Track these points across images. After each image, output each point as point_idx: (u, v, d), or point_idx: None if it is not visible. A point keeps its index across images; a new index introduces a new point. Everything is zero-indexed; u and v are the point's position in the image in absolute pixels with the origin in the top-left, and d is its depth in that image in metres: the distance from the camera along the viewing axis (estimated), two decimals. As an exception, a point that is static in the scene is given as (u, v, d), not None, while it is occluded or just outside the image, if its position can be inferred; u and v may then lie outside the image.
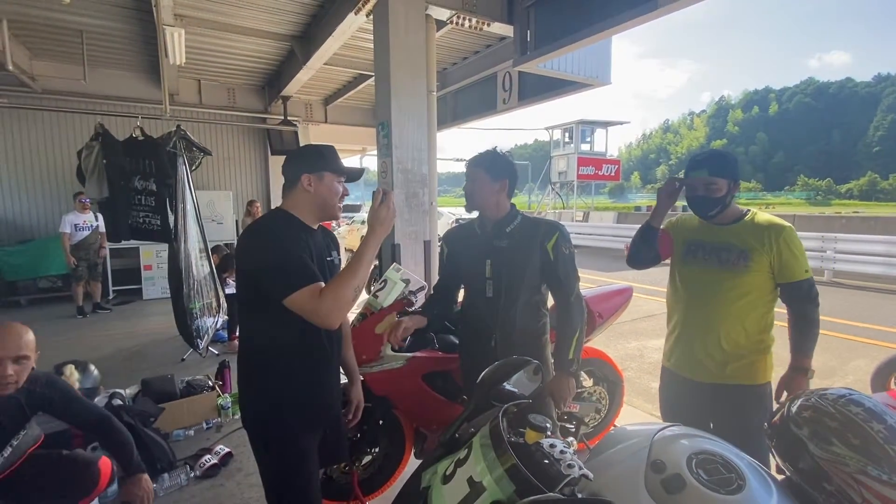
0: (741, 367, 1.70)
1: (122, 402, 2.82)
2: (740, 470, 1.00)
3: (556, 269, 1.73)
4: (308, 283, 1.25)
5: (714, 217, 1.74)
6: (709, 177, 1.68)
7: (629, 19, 3.64)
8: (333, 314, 1.24)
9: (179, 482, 2.52)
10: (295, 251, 1.30)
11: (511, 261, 1.74)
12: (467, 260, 1.86)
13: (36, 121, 7.35)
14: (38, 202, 7.53)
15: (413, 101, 4.06)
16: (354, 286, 1.26)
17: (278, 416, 1.41)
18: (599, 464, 1.13)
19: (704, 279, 1.75)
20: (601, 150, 22.71)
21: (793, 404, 1.10)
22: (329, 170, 1.43)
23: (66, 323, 6.00)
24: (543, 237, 1.73)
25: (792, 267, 1.64)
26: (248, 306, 1.43)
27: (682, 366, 1.82)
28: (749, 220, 1.72)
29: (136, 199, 3.96)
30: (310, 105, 9.54)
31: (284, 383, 1.41)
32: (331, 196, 1.45)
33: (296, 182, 1.42)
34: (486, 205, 1.78)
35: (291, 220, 1.42)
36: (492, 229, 1.80)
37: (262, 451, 1.44)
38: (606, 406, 2.83)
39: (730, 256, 1.69)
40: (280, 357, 1.40)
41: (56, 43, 6.29)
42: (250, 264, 1.36)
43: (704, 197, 1.71)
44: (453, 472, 0.91)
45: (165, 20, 4.52)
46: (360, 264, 1.29)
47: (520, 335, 1.77)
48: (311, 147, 1.51)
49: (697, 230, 1.83)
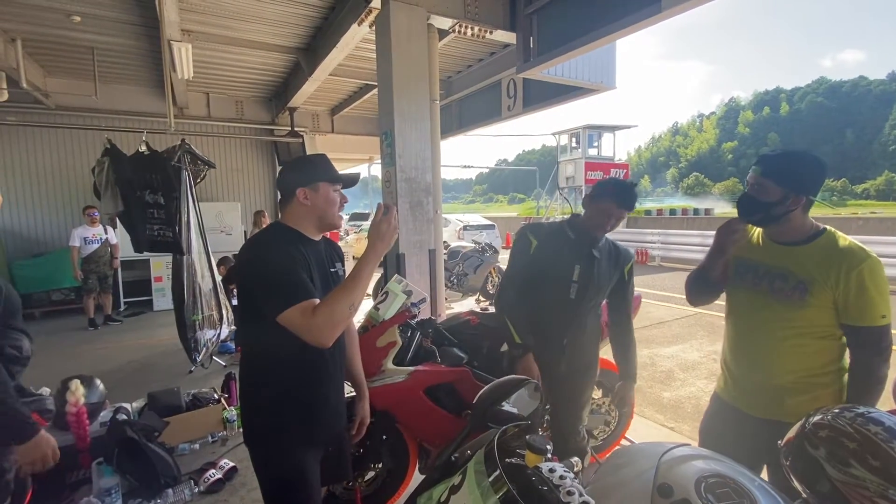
0: (804, 402, 1.40)
1: (126, 416, 2.82)
2: (752, 495, 0.94)
3: (626, 288, 1.99)
4: (301, 300, 1.22)
5: (757, 222, 1.48)
6: (760, 177, 1.41)
7: (632, 23, 3.60)
8: (326, 332, 1.21)
9: (183, 497, 2.50)
10: (289, 266, 1.28)
11: (600, 272, 1.91)
12: (555, 259, 1.92)
13: (49, 137, 7.51)
14: (51, 216, 7.68)
15: (416, 110, 4.05)
16: (350, 303, 1.23)
17: (278, 431, 1.38)
18: (603, 487, 1.08)
19: (755, 305, 1.50)
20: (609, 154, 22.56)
21: (808, 422, 1.05)
22: (323, 179, 1.41)
23: (78, 335, 6.07)
24: (624, 261, 1.98)
25: (861, 309, 1.33)
26: (247, 320, 1.42)
27: (734, 396, 1.58)
28: (822, 243, 1.40)
29: (150, 213, 4.00)
30: (317, 115, 9.63)
31: (284, 398, 1.38)
32: (328, 206, 1.42)
33: (291, 196, 1.40)
34: (604, 231, 1.90)
35: (291, 234, 1.41)
36: (588, 239, 1.92)
37: (262, 467, 1.42)
38: (616, 418, 2.76)
39: (784, 286, 1.42)
40: (280, 372, 1.37)
41: (68, 60, 6.44)
42: (246, 279, 1.36)
43: (749, 196, 1.44)
44: (447, 499, 0.87)
45: (172, 36, 4.59)
46: (356, 281, 1.26)
47: (588, 338, 1.99)
48: (303, 159, 1.48)
49: (753, 246, 1.55)
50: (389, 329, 2.15)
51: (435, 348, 2.31)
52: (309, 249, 1.39)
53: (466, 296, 7.44)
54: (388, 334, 2.14)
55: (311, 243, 1.43)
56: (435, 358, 2.28)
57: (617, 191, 1.82)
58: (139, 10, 5.00)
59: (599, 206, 1.84)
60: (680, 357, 4.78)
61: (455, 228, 13.51)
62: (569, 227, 1.95)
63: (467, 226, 13.71)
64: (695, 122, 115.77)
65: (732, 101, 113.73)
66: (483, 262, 7.40)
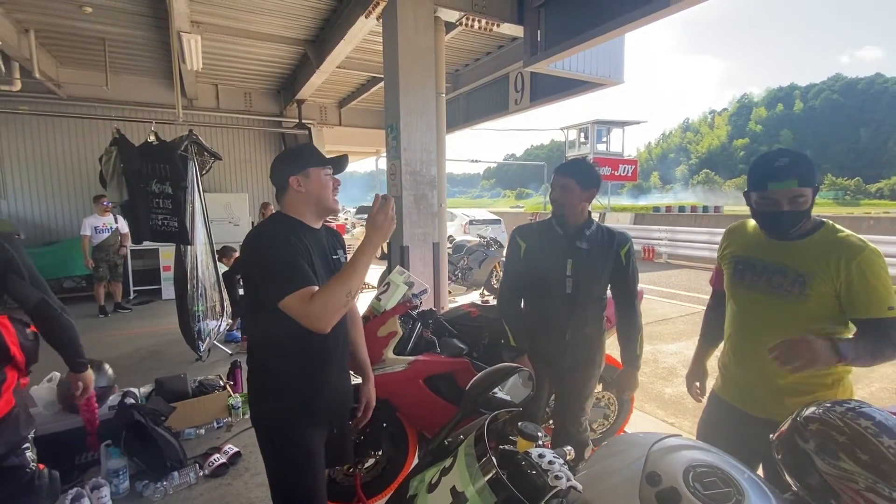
0: (804, 402, 1.39)
1: (134, 400, 2.88)
2: (739, 484, 0.95)
3: (627, 273, 1.94)
4: (299, 287, 1.25)
5: (792, 234, 1.41)
6: (798, 188, 1.32)
7: (640, 17, 3.57)
8: (324, 318, 1.23)
9: (189, 480, 2.56)
10: (288, 254, 1.30)
11: (591, 262, 1.90)
12: (547, 257, 1.94)
13: (60, 126, 7.62)
14: (62, 205, 7.80)
15: (422, 103, 4.06)
16: (346, 291, 1.26)
17: (284, 414, 1.42)
18: (593, 475, 1.09)
19: (755, 303, 1.50)
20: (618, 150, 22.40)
21: (800, 416, 1.05)
22: (312, 165, 1.43)
23: (89, 322, 6.17)
24: (619, 245, 1.93)
25: (864, 300, 1.30)
26: (253, 308, 1.44)
27: (733, 394, 1.59)
28: (819, 237, 1.39)
29: (155, 203, 4.05)
30: (324, 108, 9.65)
31: (289, 382, 1.42)
32: (322, 189, 1.45)
33: (286, 187, 1.43)
34: (573, 211, 1.91)
35: (291, 223, 1.43)
36: (574, 232, 1.92)
37: (269, 449, 1.45)
38: (615, 412, 2.77)
39: (783, 282, 1.41)
40: (285, 357, 1.41)
41: (80, 51, 6.50)
42: (248, 268, 1.40)
43: (791, 212, 1.35)
44: (438, 481, 0.90)
45: (182, 27, 4.62)
46: (353, 270, 1.28)
47: (591, 329, 1.97)
48: (290, 150, 1.51)
49: (750, 244, 1.54)
50: (391, 319, 2.18)
51: (435, 339, 2.34)
52: (309, 237, 1.42)
53: (471, 290, 7.46)
54: (389, 324, 2.17)
55: (311, 231, 1.45)
56: (435, 348, 2.31)
57: (575, 168, 1.89)
58: (149, 1, 5.04)
59: (559, 182, 1.89)
60: (683, 354, 4.77)
61: (461, 223, 13.50)
62: (557, 223, 1.96)
63: (473, 220, 13.69)
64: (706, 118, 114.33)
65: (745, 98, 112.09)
66: (488, 256, 7.41)
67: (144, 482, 2.49)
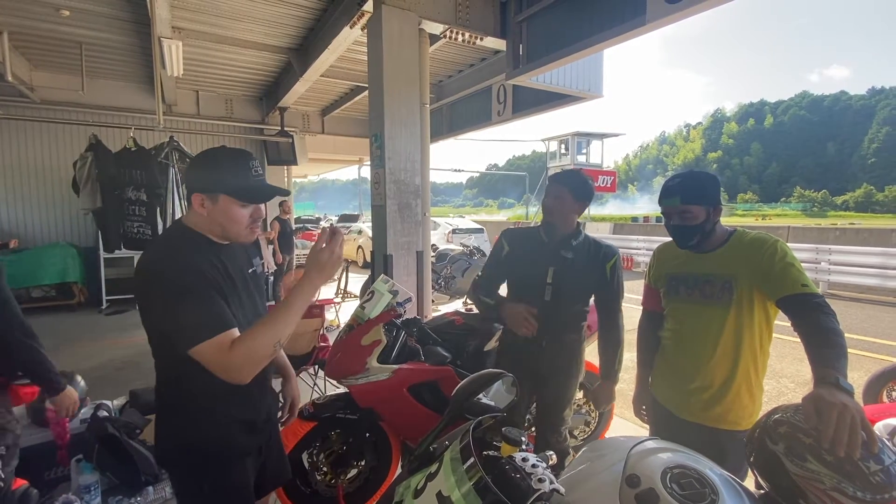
0: (725, 410, 1.53)
1: (107, 413, 2.79)
2: (714, 484, 0.99)
3: (611, 287, 1.94)
4: (214, 334, 1.05)
5: (695, 245, 1.56)
6: (681, 205, 1.51)
7: (619, 34, 3.70)
8: (244, 370, 1.05)
9: (164, 495, 2.48)
10: (199, 288, 1.08)
11: (574, 272, 1.89)
12: (528, 263, 1.96)
13: (34, 131, 7.40)
14: (33, 212, 7.54)
15: (406, 113, 4.10)
16: (275, 341, 1.07)
17: (209, 451, 1.23)
18: (575, 478, 1.12)
19: (690, 314, 1.60)
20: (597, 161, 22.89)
21: (770, 418, 1.10)
22: (224, 192, 1.15)
23: (60, 334, 5.96)
24: (604, 258, 1.92)
25: (786, 278, 1.39)
26: (156, 342, 1.19)
27: (666, 398, 1.69)
28: (734, 242, 1.54)
29: (130, 210, 3.97)
30: (307, 116, 9.62)
31: (214, 419, 1.23)
32: (229, 223, 1.17)
33: (190, 199, 1.18)
34: (563, 220, 1.92)
35: (197, 238, 1.19)
36: (560, 240, 1.92)
37: (197, 493, 1.25)
38: (596, 419, 2.82)
39: (713, 290, 1.53)
40: (203, 393, 1.19)
41: (56, 54, 6.35)
42: (148, 299, 1.12)
43: (680, 226, 1.54)
44: (424, 487, 0.91)
45: (163, 33, 4.57)
46: (286, 315, 1.09)
47: (568, 339, 1.98)
48: (210, 156, 1.19)
49: (680, 261, 1.65)
50: (375, 328, 2.18)
51: (419, 347, 2.34)
52: (221, 254, 1.22)
53: (454, 298, 7.48)
54: (373, 333, 2.17)
55: (220, 247, 1.23)
56: (419, 357, 2.31)
57: (570, 179, 1.91)
58: (129, 6, 4.97)
59: (553, 190, 1.91)
60: (661, 361, 4.86)
61: (444, 231, 13.55)
62: (543, 231, 1.98)
63: (456, 229, 13.76)
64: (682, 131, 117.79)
65: (718, 112, 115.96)
66: (471, 265, 7.45)
67: (118, 498, 2.41)
